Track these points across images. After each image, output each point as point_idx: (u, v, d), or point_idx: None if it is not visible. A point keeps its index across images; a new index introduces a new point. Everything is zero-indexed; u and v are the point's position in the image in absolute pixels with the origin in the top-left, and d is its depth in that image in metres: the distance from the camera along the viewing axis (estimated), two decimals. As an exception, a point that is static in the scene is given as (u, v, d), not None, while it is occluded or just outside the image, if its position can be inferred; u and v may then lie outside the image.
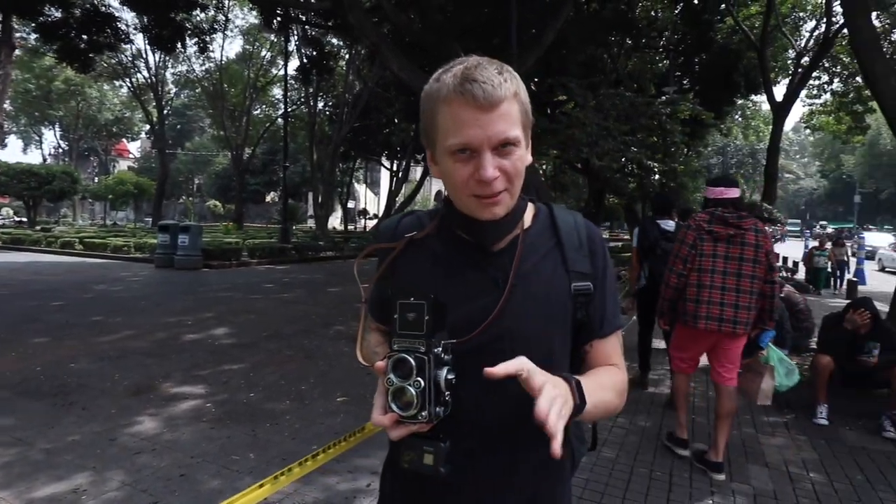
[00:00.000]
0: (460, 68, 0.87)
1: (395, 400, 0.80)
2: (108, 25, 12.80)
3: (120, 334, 6.62)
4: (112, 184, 38.04)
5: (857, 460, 3.75)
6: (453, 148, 0.86)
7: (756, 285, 3.30)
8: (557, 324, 0.97)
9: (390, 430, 0.82)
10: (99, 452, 3.44)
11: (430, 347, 0.80)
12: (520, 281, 0.94)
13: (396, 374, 0.80)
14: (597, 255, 1.01)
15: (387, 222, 1.10)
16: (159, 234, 14.55)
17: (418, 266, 0.99)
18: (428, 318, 0.80)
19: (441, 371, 0.81)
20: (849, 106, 17.84)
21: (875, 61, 5.39)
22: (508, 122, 0.86)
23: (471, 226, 0.94)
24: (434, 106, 0.89)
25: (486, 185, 0.86)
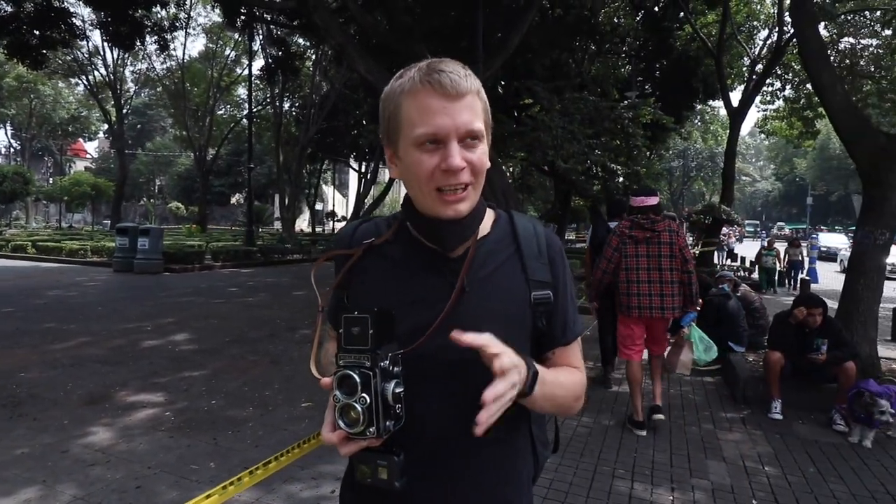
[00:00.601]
0: (424, 63, 0.88)
1: (342, 417, 0.79)
2: (62, 21, 12.31)
3: (74, 341, 6.38)
4: (68, 185, 36.65)
5: (810, 453, 3.90)
6: (421, 138, 0.85)
7: (675, 276, 4.04)
8: (516, 332, 0.95)
9: (339, 446, 0.81)
10: (50, 465, 3.30)
11: (375, 362, 0.78)
12: (476, 287, 0.93)
13: (342, 391, 0.79)
14: (556, 263, 1.01)
15: (343, 229, 1.07)
16: (118, 237, 14.10)
17: (376, 273, 0.97)
18: (372, 331, 0.79)
19: (389, 384, 0.80)
20: (800, 112, 18.57)
21: (822, 70, 5.63)
22: (474, 113, 0.87)
23: (431, 227, 0.92)
24: (397, 101, 0.89)
25: (452, 174, 0.85)
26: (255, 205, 29.75)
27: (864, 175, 5.46)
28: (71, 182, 37.02)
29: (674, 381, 5.66)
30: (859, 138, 5.45)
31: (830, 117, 5.77)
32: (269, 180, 40.59)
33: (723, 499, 3.19)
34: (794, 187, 64.71)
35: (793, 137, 20.73)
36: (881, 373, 5.29)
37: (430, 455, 0.92)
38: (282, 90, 26.00)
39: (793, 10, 6.13)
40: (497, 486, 0.97)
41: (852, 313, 5.36)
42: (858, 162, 5.52)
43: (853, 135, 5.49)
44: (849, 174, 42.82)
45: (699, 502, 3.15)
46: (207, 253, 15.57)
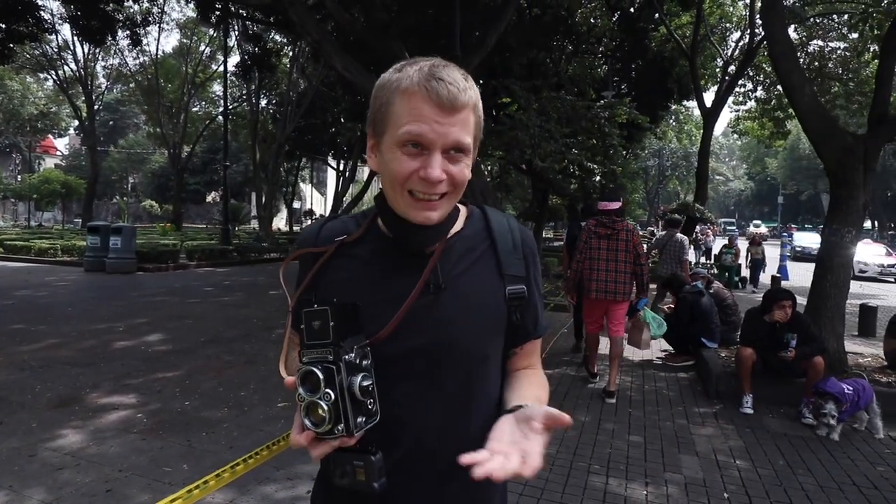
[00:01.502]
0: (427, 64, 0.86)
1: (307, 416, 0.75)
2: (30, 14, 11.97)
3: (43, 343, 6.22)
4: (37, 182, 35.64)
5: (780, 446, 3.99)
6: (404, 138, 0.83)
7: (628, 267, 4.90)
8: (492, 328, 0.95)
9: (310, 449, 0.77)
10: (17, 469, 3.21)
11: (338, 356, 0.75)
12: (451, 283, 0.92)
13: (305, 388, 0.75)
14: (529, 258, 1.00)
15: (308, 228, 1.05)
16: (89, 235, 13.75)
17: (346, 272, 0.95)
18: (333, 323, 0.76)
19: (355, 378, 0.76)
20: (771, 112, 18.96)
21: (791, 71, 5.76)
22: (465, 128, 0.85)
23: (400, 227, 0.91)
24: (391, 95, 0.86)
25: (429, 184, 0.84)
26: (232, 203, 29.34)
27: (832, 175, 5.61)
28: (40, 180, 36.01)
29: (648, 377, 5.75)
30: (827, 139, 5.60)
31: (799, 118, 5.91)
32: (245, 178, 40.03)
33: (695, 492, 3.25)
34: (766, 186, 66.17)
35: (764, 138, 21.18)
36: (848, 367, 5.44)
37: (409, 457, 0.90)
38: (258, 87, 25.67)
39: (763, 13, 6.26)
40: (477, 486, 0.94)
41: (820, 309, 5.51)
42: (826, 162, 5.67)
43: (821, 135, 5.64)
44: (818, 174, 43.93)
45: (672, 496, 3.20)
46: (182, 252, 15.28)
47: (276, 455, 3.35)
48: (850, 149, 5.41)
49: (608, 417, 4.48)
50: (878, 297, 13.15)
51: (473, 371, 0.93)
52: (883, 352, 5.92)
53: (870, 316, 8.32)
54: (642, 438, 4.06)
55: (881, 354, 6.10)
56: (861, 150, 5.38)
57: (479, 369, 0.94)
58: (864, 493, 3.30)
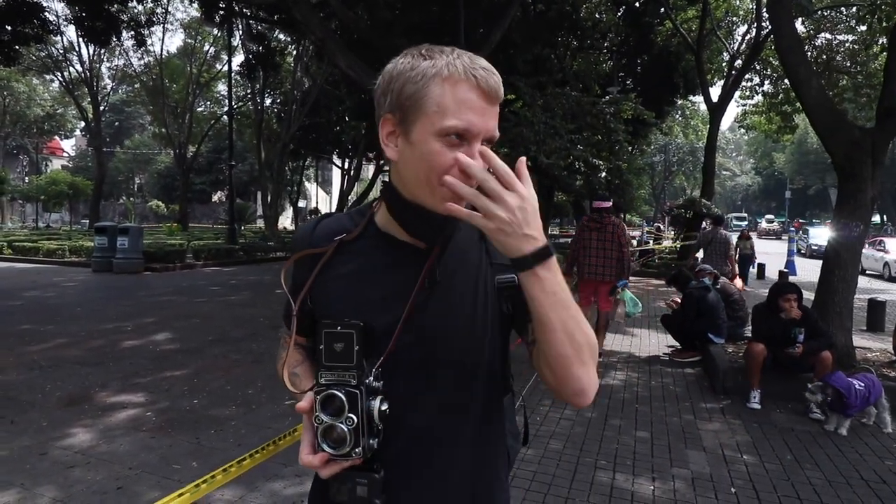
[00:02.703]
0: (459, 53, 0.83)
1: (325, 438, 0.75)
2: (35, 16, 12.04)
3: (52, 343, 6.27)
4: (44, 184, 35.87)
5: (787, 441, 3.98)
6: (451, 130, 0.80)
7: (614, 254, 5.87)
8: (485, 320, 0.92)
9: (321, 469, 0.77)
10: (28, 468, 3.25)
11: (360, 380, 0.75)
12: (445, 277, 0.90)
13: (327, 412, 0.74)
14: None
15: (302, 228, 1.02)
16: (96, 236, 13.84)
17: (342, 270, 0.93)
18: (358, 347, 0.75)
19: (374, 402, 0.76)
20: (778, 107, 18.82)
21: (798, 65, 5.72)
22: (496, 120, 0.85)
23: (414, 218, 0.88)
24: (426, 81, 0.81)
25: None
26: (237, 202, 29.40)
27: (840, 169, 5.57)
28: (47, 181, 36.23)
29: (654, 373, 5.75)
30: (834, 132, 5.55)
31: (807, 112, 5.87)
32: (251, 178, 40.14)
33: (702, 487, 3.25)
34: (773, 181, 65.71)
35: (771, 132, 21.02)
36: (856, 362, 5.41)
37: (408, 453, 0.89)
38: (262, 86, 25.69)
39: (770, 6, 6.21)
40: (475, 483, 0.95)
41: (828, 304, 5.48)
42: (834, 156, 5.63)
43: (829, 129, 5.60)
44: (826, 168, 43.54)
45: (679, 491, 3.20)
46: (189, 252, 15.36)
47: (284, 452, 3.37)
48: (857, 142, 5.37)
49: (615, 413, 4.48)
50: (886, 291, 13.06)
51: (469, 368, 0.91)
52: (892, 346, 5.88)
53: (878, 311, 8.26)
54: (649, 434, 4.06)
55: (889, 349, 6.07)
56: (869, 144, 5.34)
57: (475, 365, 0.92)
58: (872, 488, 3.29)
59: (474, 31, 11.52)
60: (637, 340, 7.30)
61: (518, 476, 3.27)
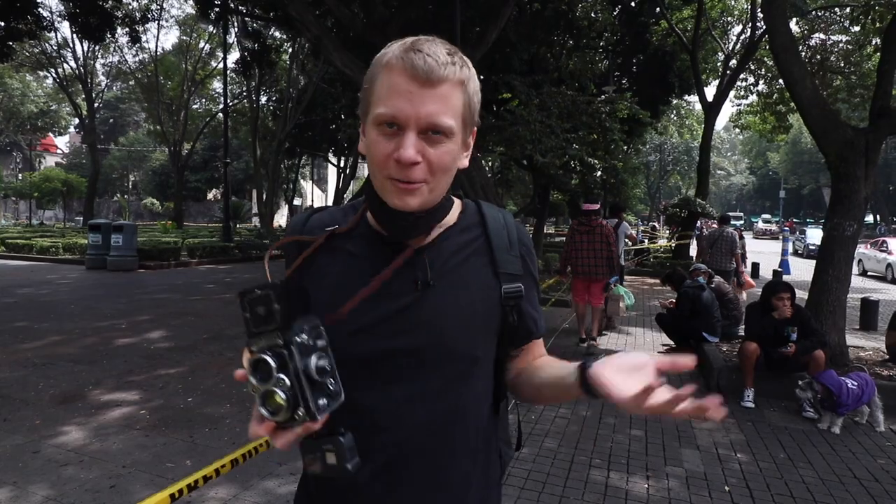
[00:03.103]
0: (412, 38, 0.81)
1: (264, 406, 0.71)
2: (29, 12, 11.97)
3: (46, 340, 6.24)
4: (38, 181, 35.71)
5: (780, 439, 4.00)
6: (380, 118, 0.78)
7: (603, 253, 6.41)
8: (482, 328, 0.90)
9: (273, 438, 0.73)
10: (21, 466, 3.23)
11: (288, 339, 0.71)
12: (441, 280, 0.87)
13: (257, 377, 0.71)
14: (526, 256, 0.96)
15: (295, 218, 0.99)
16: (90, 233, 13.77)
17: (332, 265, 0.90)
18: (278, 306, 0.71)
19: (310, 360, 0.72)
20: (773, 106, 18.92)
21: (792, 65, 5.73)
22: (444, 106, 0.78)
23: (384, 213, 0.85)
24: (375, 72, 0.82)
25: (403, 168, 0.78)
26: (233, 200, 29.34)
27: (833, 168, 5.60)
28: (41, 178, 36.06)
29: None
30: (828, 132, 5.57)
31: (801, 111, 5.89)
32: (246, 175, 40.07)
33: (696, 486, 3.26)
34: (768, 181, 66.04)
35: (766, 132, 21.13)
36: (849, 361, 5.44)
37: (399, 460, 0.86)
38: (258, 84, 25.64)
39: (765, 6, 6.23)
40: (469, 492, 0.93)
41: (822, 303, 5.51)
42: (827, 155, 5.65)
43: (822, 129, 5.62)
44: (820, 168, 43.78)
45: (673, 489, 3.21)
46: (183, 249, 15.30)
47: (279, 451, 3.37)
48: (851, 142, 5.39)
49: (609, 411, 4.49)
50: (879, 290, 13.14)
51: (461, 373, 0.89)
52: (885, 345, 5.92)
53: (871, 310, 8.31)
54: (643, 432, 4.07)
55: (882, 348, 6.10)
56: (862, 144, 5.36)
57: (467, 371, 0.90)
58: (865, 486, 3.31)
59: (470, 29, 11.51)
60: (632, 339, 7.33)
61: (512, 475, 3.28)
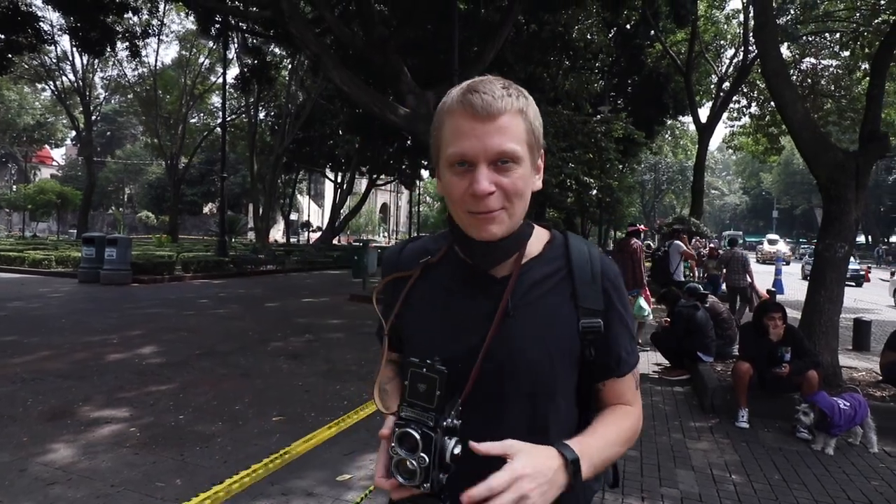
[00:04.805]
0: (468, 82, 0.86)
1: (398, 469, 0.79)
2: (29, 25, 12.05)
3: (35, 355, 6.17)
4: (32, 193, 35.65)
5: (775, 460, 3.99)
6: (451, 159, 0.84)
7: (628, 268, 7.71)
8: (562, 360, 0.91)
9: (392, 492, 0.81)
10: (7, 484, 3.18)
11: (438, 423, 0.78)
12: (522, 310, 0.90)
13: (403, 447, 0.78)
14: (610, 290, 0.95)
15: (390, 250, 1.07)
16: (84, 246, 13.72)
17: (423, 294, 0.96)
18: (440, 392, 0.78)
19: (449, 443, 0.79)
20: (765, 128, 19.18)
21: (784, 88, 5.84)
22: (507, 135, 0.83)
23: (469, 246, 0.90)
24: (441, 119, 0.87)
25: (479, 200, 0.82)
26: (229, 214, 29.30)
27: (824, 190, 5.66)
28: (36, 190, 36.00)
29: (644, 391, 5.73)
30: (819, 155, 5.65)
31: (792, 133, 5.97)
32: (242, 190, 40.13)
33: (691, 508, 3.24)
34: (761, 201, 66.62)
35: (758, 153, 21.40)
36: (843, 381, 5.45)
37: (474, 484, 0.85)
38: (257, 99, 25.81)
39: (756, 31, 6.35)
40: None
41: (814, 324, 5.53)
42: (818, 177, 5.72)
43: (813, 151, 5.70)
44: (812, 189, 44.15)
45: (668, 511, 3.19)
46: (178, 263, 15.25)
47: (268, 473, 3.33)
48: (841, 165, 5.47)
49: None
50: (872, 311, 13.20)
51: (539, 406, 0.90)
52: (879, 365, 5.93)
53: (864, 330, 8.34)
54: (638, 453, 4.05)
55: (875, 369, 6.12)
56: (853, 167, 5.44)
57: (545, 405, 0.91)
58: (860, 510, 3.30)
59: (468, 49, 11.67)
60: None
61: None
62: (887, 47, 6.20)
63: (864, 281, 21.45)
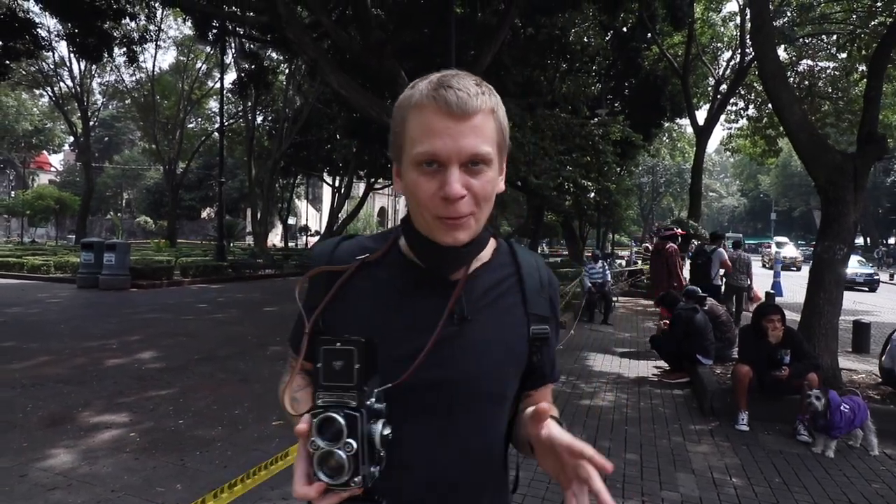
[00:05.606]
0: (437, 75, 0.80)
1: (321, 466, 0.68)
2: (27, 32, 12.04)
3: (34, 360, 6.16)
4: (30, 198, 35.63)
5: (775, 463, 3.99)
6: (419, 158, 0.78)
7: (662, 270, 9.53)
8: (512, 365, 0.90)
9: (318, 501, 0.70)
10: (7, 490, 3.17)
11: (361, 401, 0.69)
12: (476, 315, 0.86)
13: (324, 437, 0.68)
14: (554, 299, 0.96)
15: (322, 245, 0.96)
16: (83, 252, 13.68)
17: (362, 294, 0.87)
18: (359, 366, 0.69)
19: (376, 426, 0.70)
20: (763, 130, 19.26)
21: (781, 90, 5.86)
22: (481, 136, 0.78)
23: (429, 250, 0.84)
24: (405, 113, 0.81)
25: (452, 204, 0.77)
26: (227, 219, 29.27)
27: (823, 192, 5.67)
28: (34, 195, 35.97)
29: (643, 394, 5.74)
30: (817, 157, 5.67)
31: (789, 136, 5.99)
32: (240, 194, 40.10)
33: (692, 510, 3.24)
34: (759, 203, 66.72)
35: (756, 155, 21.45)
36: (842, 384, 5.45)
37: (430, 499, 0.84)
38: (254, 104, 25.80)
39: (753, 34, 6.38)
40: None
41: (814, 326, 5.53)
42: (816, 179, 5.74)
43: (811, 153, 5.71)
44: (810, 191, 44.23)
45: (669, 514, 3.19)
46: (176, 268, 15.23)
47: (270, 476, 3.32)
48: (839, 167, 5.48)
49: (604, 435, 4.47)
50: (871, 313, 13.22)
51: (489, 412, 0.88)
52: (878, 368, 5.94)
53: (863, 332, 8.35)
54: (638, 456, 4.05)
55: (875, 371, 6.12)
56: (851, 169, 5.45)
57: (494, 411, 0.89)
58: (861, 511, 3.30)
59: (465, 52, 11.69)
60: (626, 361, 7.32)
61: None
62: (884, 49, 6.23)
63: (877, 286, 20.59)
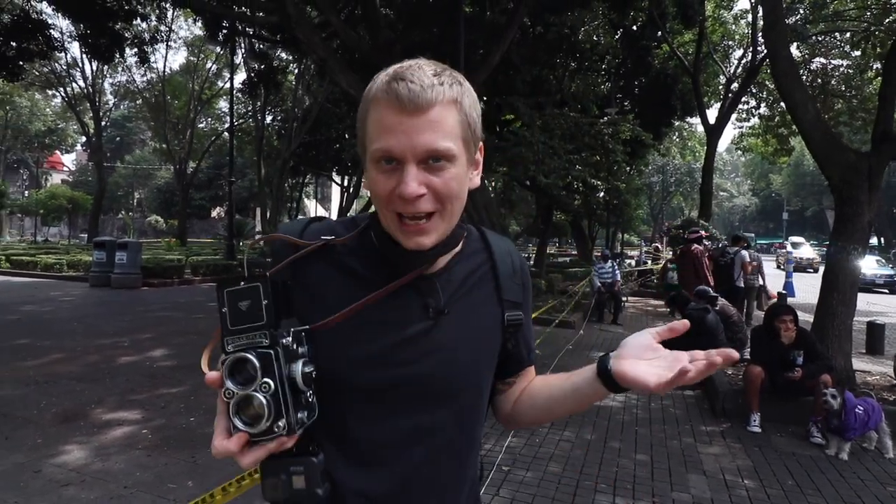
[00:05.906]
0: (395, 66, 0.76)
1: (239, 414, 0.62)
2: (40, 33, 12.18)
3: (48, 358, 6.22)
4: (44, 198, 36.00)
5: (788, 465, 3.95)
6: (376, 155, 0.74)
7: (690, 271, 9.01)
8: (488, 354, 0.89)
9: (241, 456, 0.64)
10: (22, 485, 3.21)
11: (274, 339, 0.63)
12: (453, 307, 0.84)
13: (236, 380, 0.62)
14: (526, 284, 0.96)
15: (290, 223, 0.89)
16: (95, 250, 13.82)
17: (331, 282, 0.82)
18: (267, 302, 0.64)
19: (295, 365, 0.65)
20: (774, 129, 19.07)
21: (794, 89, 5.79)
22: (439, 131, 0.73)
23: (395, 252, 0.81)
24: (365, 107, 0.77)
25: (409, 202, 0.73)
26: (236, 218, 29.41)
27: (837, 191, 5.61)
28: (47, 195, 36.36)
29: (655, 395, 5.69)
30: (831, 156, 5.60)
31: (802, 134, 5.93)
32: (250, 194, 40.30)
33: (704, 512, 3.21)
34: (771, 202, 66.11)
35: (768, 154, 21.26)
36: (856, 386, 5.39)
37: (404, 496, 0.83)
38: (264, 104, 25.92)
39: (766, 31, 6.32)
40: None
41: (827, 327, 5.48)
42: (830, 179, 5.67)
43: (824, 152, 5.65)
44: (822, 190, 43.83)
45: (680, 516, 3.16)
46: (187, 267, 15.34)
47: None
48: (854, 166, 5.41)
49: (614, 435, 4.44)
50: (886, 314, 13.06)
51: (467, 406, 0.87)
52: (893, 370, 5.87)
53: (877, 333, 8.25)
54: (649, 457, 4.02)
55: (889, 373, 6.05)
56: (865, 168, 5.38)
57: (472, 404, 0.88)
58: (876, 514, 3.26)
59: (474, 52, 11.67)
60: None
61: (517, 499, 3.24)
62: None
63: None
